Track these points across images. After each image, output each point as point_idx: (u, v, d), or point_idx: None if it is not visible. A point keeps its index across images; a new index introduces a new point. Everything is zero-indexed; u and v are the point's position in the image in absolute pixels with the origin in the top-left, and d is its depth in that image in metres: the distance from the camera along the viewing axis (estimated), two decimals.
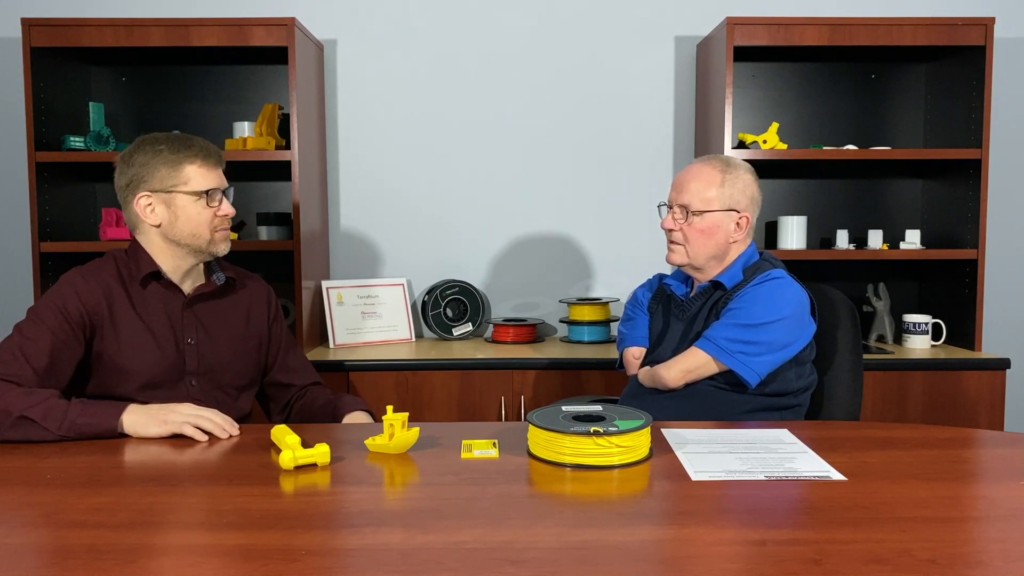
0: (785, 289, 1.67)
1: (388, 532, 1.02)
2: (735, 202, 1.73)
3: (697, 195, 1.72)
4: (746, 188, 1.74)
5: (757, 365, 1.62)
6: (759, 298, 1.66)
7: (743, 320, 1.64)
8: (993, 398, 2.45)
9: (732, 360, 1.62)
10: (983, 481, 1.23)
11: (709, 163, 1.76)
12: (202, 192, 1.62)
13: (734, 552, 0.95)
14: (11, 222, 2.87)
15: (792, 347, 1.66)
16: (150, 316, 1.64)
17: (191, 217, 1.62)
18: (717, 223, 1.72)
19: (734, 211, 1.73)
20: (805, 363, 1.74)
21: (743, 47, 2.54)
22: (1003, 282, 2.91)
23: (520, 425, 1.53)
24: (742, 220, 1.74)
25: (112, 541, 0.99)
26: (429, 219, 2.92)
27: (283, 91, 2.81)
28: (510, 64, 2.87)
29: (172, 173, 1.61)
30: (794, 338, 1.66)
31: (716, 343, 1.64)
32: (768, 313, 1.64)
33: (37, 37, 2.46)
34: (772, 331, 1.63)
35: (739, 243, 1.76)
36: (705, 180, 1.73)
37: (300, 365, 1.86)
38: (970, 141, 2.57)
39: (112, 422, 1.44)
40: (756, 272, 1.73)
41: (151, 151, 1.61)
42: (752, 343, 1.62)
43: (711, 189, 1.72)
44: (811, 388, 1.77)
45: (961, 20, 2.50)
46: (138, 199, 1.62)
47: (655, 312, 1.90)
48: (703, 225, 1.72)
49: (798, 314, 1.67)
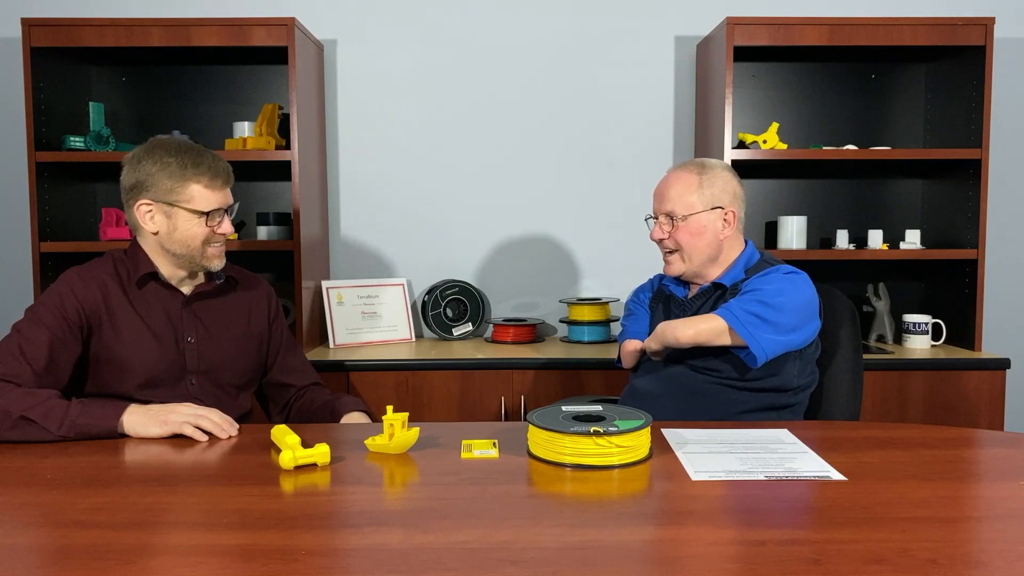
0: (797, 279, 1.71)
1: (388, 532, 1.02)
2: (717, 200, 1.75)
3: (679, 200, 1.75)
4: (726, 185, 1.77)
5: (767, 343, 1.63)
6: (774, 282, 1.68)
7: (761, 298, 1.66)
8: (993, 398, 2.45)
9: (744, 331, 1.63)
10: (983, 481, 1.23)
11: (684, 168, 1.80)
12: (203, 212, 1.61)
13: (734, 552, 0.95)
14: (11, 222, 2.87)
15: (800, 333, 1.68)
16: (149, 315, 1.64)
17: (187, 232, 1.62)
18: (704, 223, 1.74)
19: (718, 208, 1.75)
20: (808, 361, 1.75)
21: (743, 47, 2.54)
22: (1003, 282, 2.91)
23: (520, 425, 1.53)
24: (728, 215, 1.76)
25: (112, 541, 0.99)
26: (429, 219, 2.92)
27: (283, 91, 2.81)
28: (510, 64, 2.87)
29: (176, 188, 1.60)
30: (803, 326, 1.68)
31: (732, 311, 1.65)
32: (784, 295, 1.66)
33: (37, 37, 2.46)
34: (786, 314, 1.65)
35: (731, 240, 1.78)
36: (683, 184, 1.76)
37: (300, 365, 1.86)
38: (970, 141, 2.57)
39: (112, 422, 1.44)
40: (760, 270, 1.75)
41: (159, 161, 1.60)
42: (766, 320, 1.63)
43: (691, 193, 1.75)
44: (811, 387, 1.78)
45: (961, 20, 2.50)
46: (139, 205, 1.62)
47: (655, 310, 1.92)
48: (691, 228, 1.74)
49: (810, 304, 1.70)
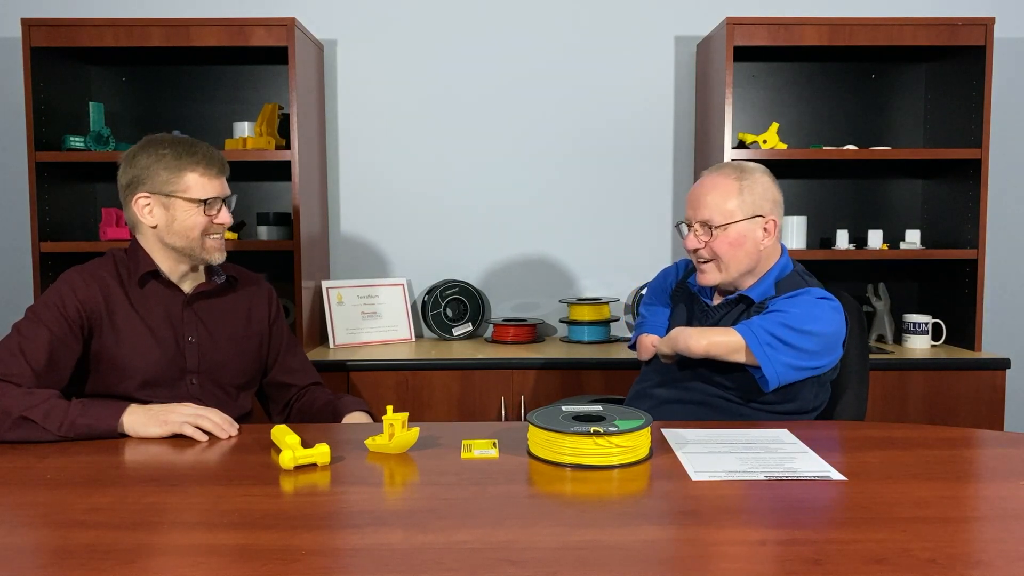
0: (832, 308, 1.61)
1: (388, 532, 1.02)
2: (758, 207, 1.65)
3: (717, 208, 1.64)
4: (766, 191, 1.67)
5: (782, 369, 1.55)
6: (802, 305, 1.59)
7: (786, 320, 1.56)
8: (993, 398, 2.45)
9: (761, 352, 1.53)
10: (983, 481, 1.23)
11: (722, 172, 1.68)
12: (201, 200, 1.62)
13: (734, 552, 0.95)
14: (11, 222, 2.87)
15: (819, 365, 1.60)
16: (150, 314, 1.64)
17: (186, 222, 1.62)
18: (743, 233, 1.64)
19: (759, 217, 1.65)
20: (825, 383, 1.69)
21: (743, 47, 2.54)
22: (1003, 282, 2.91)
23: (520, 425, 1.53)
24: (769, 224, 1.66)
25: (112, 541, 0.99)
26: (429, 219, 2.92)
27: (283, 91, 2.81)
28: (510, 64, 2.87)
29: (172, 178, 1.61)
30: (824, 357, 1.60)
31: (752, 329, 1.56)
32: (813, 321, 1.56)
33: (37, 37, 2.46)
34: (809, 340, 1.55)
35: (770, 250, 1.69)
36: (722, 191, 1.65)
37: (301, 365, 1.86)
38: (970, 141, 2.57)
39: (112, 422, 1.44)
40: (791, 286, 1.66)
41: (154, 154, 1.62)
42: (788, 344, 1.54)
43: (731, 200, 1.64)
44: (822, 407, 1.72)
45: (961, 20, 2.50)
46: (136, 199, 1.63)
47: (676, 306, 1.82)
48: (729, 238, 1.64)
49: (836, 335, 1.61)
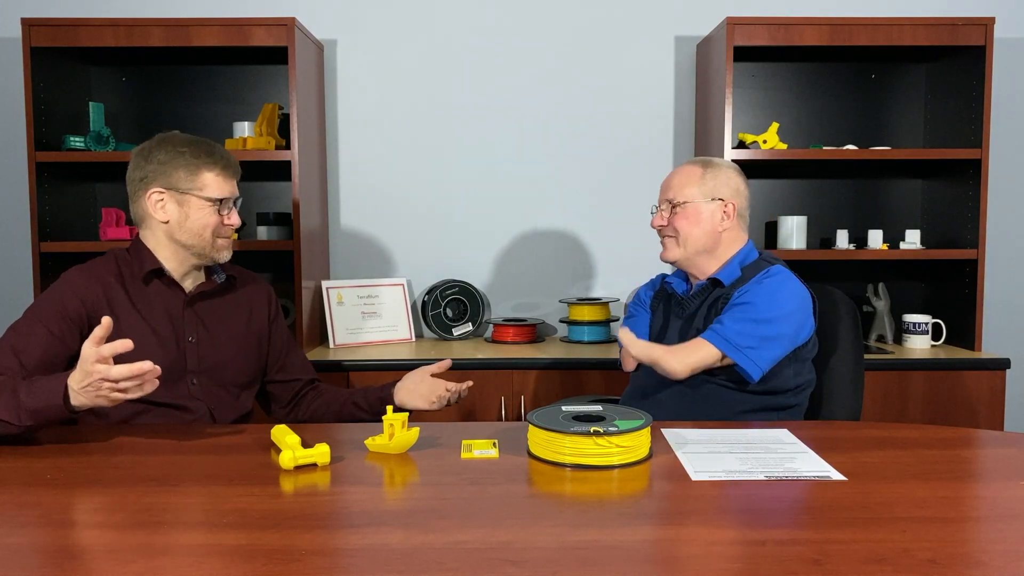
0: (788, 284, 1.71)
1: (388, 532, 1.02)
2: (718, 192, 1.78)
3: (680, 189, 1.80)
4: (728, 180, 1.80)
5: (761, 360, 1.64)
6: (765, 293, 1.68)
7: (753, 315, 1.65)
8: (993, 398, 2.45)
9: (739, 355, 1.63)
10: (983, 481, 1.23)
11: (690, 162, 1.85)
12: (216, 200, 1.64)
13: (734, 552, 0.95)
14: (11, 222, 2.87)
15: (793, 340, 1.68)
16: (151, 314, 1.65)
17: (199, 220, 1.64)
18: (700, 211, 1.77)
19: (719, 200, 1.78)
20: (804, 360, 1.75)
21: (743, 47, 2.54)
22: (1003, 282, 2.91)
23: (520, 425, 1.53)
24: (728, 208, 1.78)
25: (112, 541, 0.99)
26: (429, 219, 2.92)
27: (283, 91, 2.81)
28: (510, 64, 2.87)
29: (190, 176, 1.63)
30: (798, 330, 1.69)
31: (725, 337, 1.65)
32: (775, 308, 1.66)
33: (37, 37, 2.46)
34: (779, 325, 1.65)
35: (730, 234, 1.79)
36: (686, 175, 1.81)
37: (300, 363, 1.87)
38: (970, 141, 2.57)
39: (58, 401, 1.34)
40: (756, 271, 1.75)
41: (173, 151, 1.64)
42: (760, 337, 1.64)
43: (692, 184, 1.79)
44: (809, 388, 1.77)
45: (961, 20, 2.50)
46: (150, 194, 1.64)
47: (656, 310, 1.92)
48: (687, 213, 1.78)
49: (801, 308, 1.70)
